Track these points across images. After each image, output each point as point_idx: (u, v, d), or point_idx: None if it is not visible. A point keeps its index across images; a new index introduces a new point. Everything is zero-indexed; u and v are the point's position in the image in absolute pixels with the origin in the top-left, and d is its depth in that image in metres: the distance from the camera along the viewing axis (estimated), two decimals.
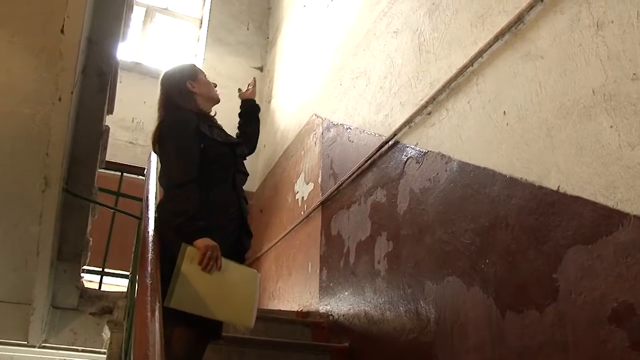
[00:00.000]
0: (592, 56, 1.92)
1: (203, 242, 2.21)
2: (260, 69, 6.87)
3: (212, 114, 2.74)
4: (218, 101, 2.73)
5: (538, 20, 2.19)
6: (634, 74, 1.76)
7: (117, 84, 3.17)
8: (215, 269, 2.22)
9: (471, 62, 2.50)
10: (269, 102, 6.34)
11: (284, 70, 6.02)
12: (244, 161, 2.73)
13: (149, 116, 6.11)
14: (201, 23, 7.13)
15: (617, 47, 1.83)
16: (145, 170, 3.33)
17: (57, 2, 2.00)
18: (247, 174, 2.68)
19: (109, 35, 2.26)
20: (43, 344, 3.06)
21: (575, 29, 2.01)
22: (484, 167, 2.32)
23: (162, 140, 2.48)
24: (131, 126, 6.09)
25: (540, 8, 2.19)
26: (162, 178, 2.51)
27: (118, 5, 2.22)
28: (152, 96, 6.37)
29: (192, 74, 2.68)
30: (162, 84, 2.68)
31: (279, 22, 6.64)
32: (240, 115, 3.05)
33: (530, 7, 2.22)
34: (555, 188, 1.94)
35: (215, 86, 2.76)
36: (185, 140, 2.40)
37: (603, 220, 1.73)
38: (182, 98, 2.60)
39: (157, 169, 2.97)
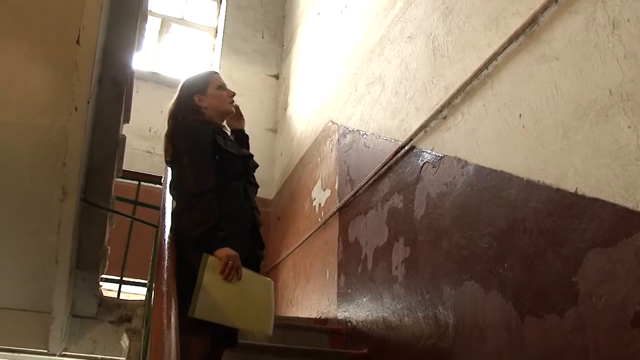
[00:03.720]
0: (609, 56, 1.89)
1: (224, 251, 2.22)
2: (276, 76, 6.90)
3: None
4: (229, 114, 2.71)
5: (552, 21, 2.17)
6: None
7: (134, 94, 3.20)
8: (236, 278, 2.23)
9: (486, 65, 2.49)
10: (285, 109, 6.36)
11: (300, 77, 6.03)
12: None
13: (165, 125, 6.17)
14: (216, 32, 7.17)
15: (634, 46, 1.81)
16: (162, 179, 3.35)
17: (72, 14, 2.02)
18: (258, 186, 2.69)
19: (123, 45, 2.28)
20: (63, 353, 3.08)
21: (590, 28, 1.99)
22: (501, 171, 2.30)
23: (175, 152, 2.48)
24: (148, 135, 6.13)
25: (555, 9, 2.17)
26: (173, 189, 2.53)
27: (132, 15, 2.24)
28: (169, 105, 6.42)
29: (203, 87, 2.64)
30: (177, 94, 2.69)
31: (294, 29, 6.66)
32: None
33: (544, 8, 2.20)
34: (572, 190, 1.91)
35: (233, 95, 2.72)
36: (200, 151, 2.41)
37: (623, 222, 1.70)
38: (189, 111, 2.59)
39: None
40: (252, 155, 2.71)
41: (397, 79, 3.39)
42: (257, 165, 2.72)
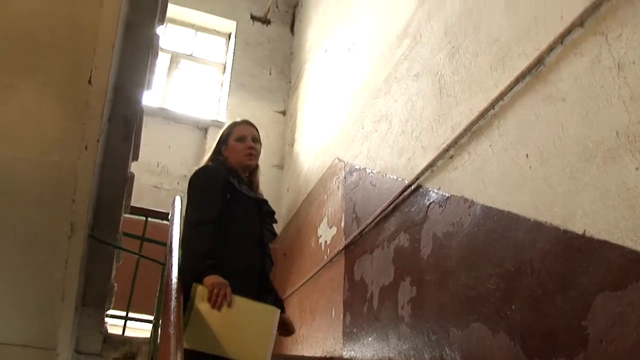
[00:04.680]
0: (615, 97, 1.90)
1: (210, 279, 2.24)
2: (283, 112, 6.95)
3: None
4: (245, 167, 2.74)
5: (558, 62, 2.19)
6: None
7: (142, 129, 3.23)
8: (225, 306, 2.22)
9: (492, 105, 2.50)
10: (292, 145, 6.39)
11: (307, 114, 6.07)
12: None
13: (173, 160, 6.21)
14: (225, 68, 7.26)
15: None
16: (170, 215, 3.35)
17: (85, 54, 2.05)
18: (275, 234, 2.71)
19: (134, 84, 2.31)
20: None
21: (596, 70, 2.00)
22: (508, 211, 2.29)
23: (189, 189, 2.55)
24: (156, 170, 6.17)
25: (560, 50, 2.19)
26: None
27: (144, 54, 2.28)
28: (177, 140, 6.48)
29: (225, 138, 2.78)
30: None
31: (301, 66, 6.73)
32: None
33: (550, 49, 2.22)
34: (581, 232, 1.90)
35: (251, 148, 2.75)
36: (208, 188, 2.48)
37: (632, 265, 1.68)
38: (215, 159, 2.75)
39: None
40: (266, 201, 2.73)
41: (404, 117, 3.41)
42: (273, 212, 2.74)
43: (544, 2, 2.33)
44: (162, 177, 6.17)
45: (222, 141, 2.76)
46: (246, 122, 2.83)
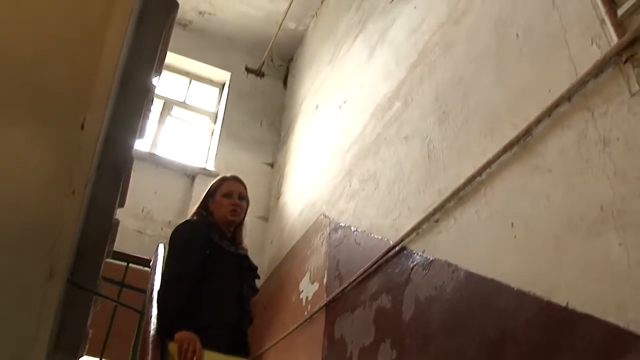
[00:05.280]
0: (600, 172, 1.94)
1: (180, 334, 2.25)
2: (271, 165, 6.97)
3: None
4: (231, 223, 2.78)
5: (546, 134, 2.24)
6: None
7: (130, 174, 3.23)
8: None
9: (480, 172, 2.53)
10: (278, 198, 6.39)
11: (294, 168, 6.10)
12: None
13: (158, 206, 6.17)
14: (216, 117, 7.31)
15: (624, 165, 1.86)
16: (151, 262, 3.32)
17: (80, 99, 2.06)
18: (257, 290, 2.71)
19: (127, 131, 2.32)
20: None
21: (582, 144, 2.04)
22: (492, 279, 2.29)
23: (170, 243, 2.57)
24: (140, 215, 6.12)
25: (548, 122, 2.24)
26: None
27: (138, 103, 2.29)
28: (163, 186, 6.44)
29: (213, 192, 2.84)
30: None
31: (292, 120, 6.79)
32: None
33: (538, 121, 2.27)
34: (564, 304, 1.91)
35: (240, 199, 2.80)
36: (188, 242, 2.50)
37: (614, 341, 1.68)
38: (202, 211, 2.79)
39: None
40: (247, 256, 2.73)
41: (392, 178, 3.43)
42: (255, 267, 2.74)
43: (533, 75, 2.39)
44: (146, 222, 6.11)
45: (210, 194, 2.80)
46: (235, 179, 2.87)
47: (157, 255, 3.22)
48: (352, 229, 3.85)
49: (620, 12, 2.03)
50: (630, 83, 1.93)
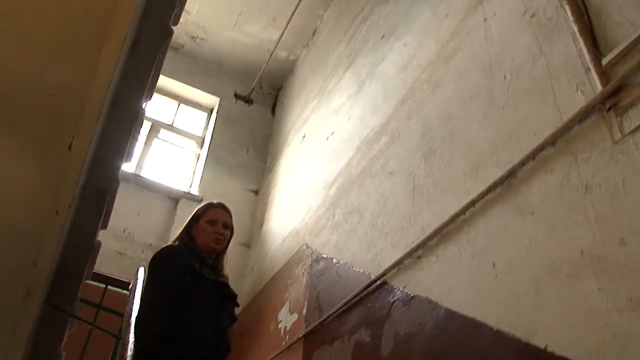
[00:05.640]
0: (581, 217, 1.96)
1: None
2: (256, 192, 6.97)
3: None
4: (213, 250, 2.76)
5: (530, 176, 2.27)
6: (621, 239, 1.80)
7: None
8: None
9: (463, 210, 2.55)
10: (261, 226, 6.37)
11: (279, 196, 6.10)
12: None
13: (140, 228, 6.12)
14: (203, 142, 7.31)
15: (605, 211, 1.88)
16: (131, 285, 3.28)
17: (69, 120, 2.05)
18: (236, 319, 2.70)
19: (114, 155, 2.31)
20: None
21: (565, 188, 2.07)
22: (472, 318, 2.30)
23: (149, 268, 2.55)
24: (122, 236, 6.06)
25: (532, 165, 2.27)
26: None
27: (127, 127, 2.29)
28: (146, 208, 6.39)
29: (198, 217, 2.82)
30: None
31: (278, 148, 6.81)
32: None
33: (522, 164, 2.30)
34: (542, 347, 1.91)
35: (225, 227, 2.80)
36: (168, 269, 2.48)
37: None
38: (184, 236, 2.77)
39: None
40: (227, 285, 2.72)
41: (375, 212, 3.45)
42: (234, 295, 2.72)
43: (519, 117, 2.43)
44: (126, 243, 6.05)
45: (194, 220, 2.79)
46: (221, 206, 2.87)
47: (137, 279, 3.20)
48: (334, 261, 3.85)
49: (604, 61, 2.08)
50: (613, 131, 1.97)
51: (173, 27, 2.37)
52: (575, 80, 2.19)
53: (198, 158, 7.21)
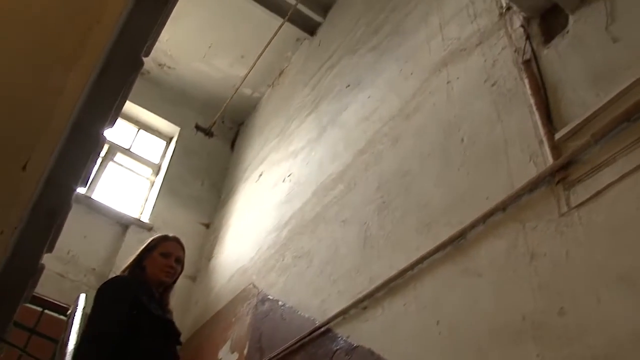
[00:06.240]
0: (525, 283, 2.02)
1: None
2: (207, 225, 6.90)
3: None
4: (162, 283, 2.74)
5: (479, 239, 2.33)
6: (561, 308, 1.86)
7: None
8: None
9: (412, 266, 2.59)
10: (209, 260, 6.30)
11: (230, 232, 6.05)
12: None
13: (85, 251, 5.96)
14: (159, 170, 7.24)
15: (547, 279, 1.95)
16: (70, 311, 3.20)
17: (27, 140, 2.02)
18: (178, 358, 2.66)
19: (70, 179, 2.27)
20: None
21: (511, 254, 2.14)
22: None
23: (96, 299, 2.50)
24: (65, 258, 5.89)
25: (482, 228, 2.33)
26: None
27: (86, 153, 2.26)
28: (94, 232, 6.24)
29: (152, 247, 2.78)
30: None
31: (234, 184, 6.79)
32: None
33: (473, 226, 2.37)
34: None
35: (177, 262, 2.78)
36: (116, 301, 2.43)
37: None
38: (136, 265, 2.73)
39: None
40: (173, 322, 2.69)
41: (325, 259, 3.46)
42: (179, 333, 2.69)
43: (473, 180, 2.50)
44: (69, 266, 5.88)
45: (148, 249, 2.76)
46: (177, 241, 2.86)
47: (76, 305, 3.12)
48: (280, 303, 3.83)
49: (557, 135, 2.18)
50: (560, 203, 2.05)
51: (144, 58, 2.38)
52: (528, 151, 2.28)
53: (152, 185, 7.12)
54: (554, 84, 2.33)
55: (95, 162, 2.70)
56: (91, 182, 6.65)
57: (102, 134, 2.40)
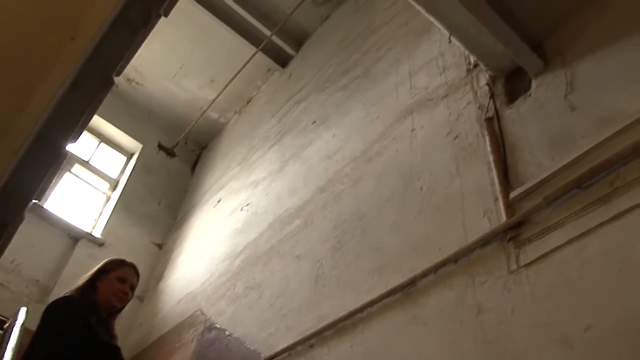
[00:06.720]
0: (470, 336, 2.07)
1: None
2: (160, 246, 6.81)
3: None
4: (112, 307, 2.72)
5: (429, 288, 2.37)
6: None
7: None
8: None
9: (362, 308, 2.61)
10: (159, 281, 6.20)
11: (183, 255, 5.98)
12: None
13: (31, 262, 5.79)
14: (116, 185, 7.14)
15: (492, 334, 1.99)
16: (7, 324, 3.11)
17: None
18: None
19: (25, 191, 2.24)
20: None
21: (459, 306, 2.18)
22: None
23: (45, 318, 2.44)
24: (8, 267, 5.71)
25: (433, 278, 2.38)
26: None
27: (46, 167, 2.23)
28: (42, 242, 6.07)
29: (109, 270, 2.74)
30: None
31: (191, 207, 6.73)
32: None
33: (424, 275, 2.41)
34: None
35: (131, 289, 2.76)
36: (65, 323, 2.40)
37: None
38: (88, 285, 2.69)
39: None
40: (119, 349, 2.66)
41: (276, 292, 3.46)
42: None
43: (428, 230, 2.55)
44: (12, 275, 5.71)
45: (104, 271, 2.74)
46: (134, 269, 2.86)
47: (15, 319, 3.03)
48: (227, 333, 3.79)
49: (512, 194, 2.25)
50: (510, 261, 2.11)
51: (115, 78, 2.38)
52: (484, 206, 2.35)
53: (108, 200, 7.01)
54: (513, 144, 2.41)
55: (55, 175, 2.67)
56: (45, 192, 6.51)
57: (65, 148, 2.38)
